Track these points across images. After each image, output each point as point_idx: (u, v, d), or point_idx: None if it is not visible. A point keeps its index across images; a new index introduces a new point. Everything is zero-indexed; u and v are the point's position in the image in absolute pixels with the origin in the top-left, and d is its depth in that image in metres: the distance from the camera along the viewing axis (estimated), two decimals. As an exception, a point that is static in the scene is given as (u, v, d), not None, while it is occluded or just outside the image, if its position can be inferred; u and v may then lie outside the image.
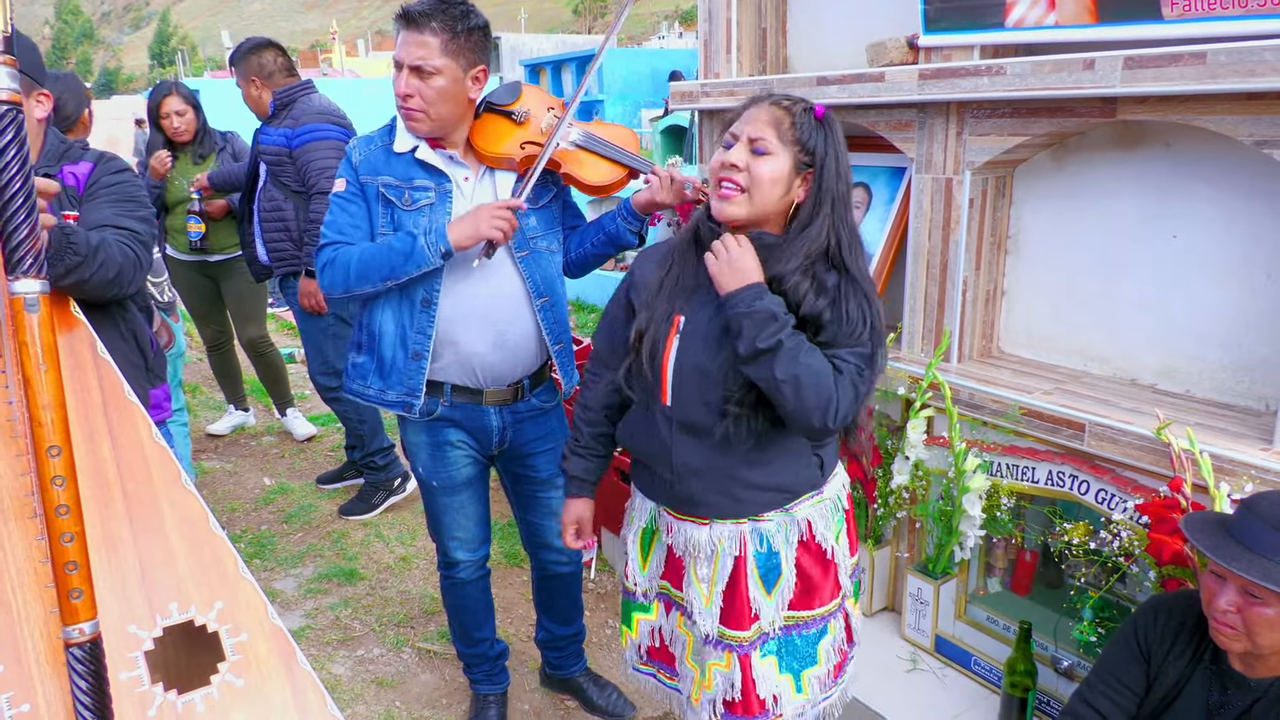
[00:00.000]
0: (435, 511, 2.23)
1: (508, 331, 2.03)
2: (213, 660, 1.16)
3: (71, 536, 0.97)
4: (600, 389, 1.78)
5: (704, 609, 1.64)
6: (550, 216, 2.10)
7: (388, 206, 1.96)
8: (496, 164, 2.01)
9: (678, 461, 1.59)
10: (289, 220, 3.41)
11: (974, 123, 2.19)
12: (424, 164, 1.97)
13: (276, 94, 3.41)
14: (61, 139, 1.84)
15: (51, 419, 0.93)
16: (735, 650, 1.62)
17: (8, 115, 0.91)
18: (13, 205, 0.89)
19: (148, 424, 1.31)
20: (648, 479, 1.71)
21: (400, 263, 1.88)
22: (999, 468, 2.21)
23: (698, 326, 1.55)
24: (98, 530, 1.17)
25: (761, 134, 1.49)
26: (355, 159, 1.99)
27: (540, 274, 2.05)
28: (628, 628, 1.85)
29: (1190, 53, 1.70)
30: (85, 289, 1.57)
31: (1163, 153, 2.07)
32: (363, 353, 2.07)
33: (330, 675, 2.69)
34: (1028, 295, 2.42)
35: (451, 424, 2.10)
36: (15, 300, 0.91)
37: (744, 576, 1.61)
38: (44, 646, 1.09)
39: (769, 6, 2.91)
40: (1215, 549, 1.45)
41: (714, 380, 1.53)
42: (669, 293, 1.59)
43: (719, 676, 1.65)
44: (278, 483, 4.11)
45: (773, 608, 1.63)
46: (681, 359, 1.55)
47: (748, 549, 1.61)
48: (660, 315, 1.58)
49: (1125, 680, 1.68)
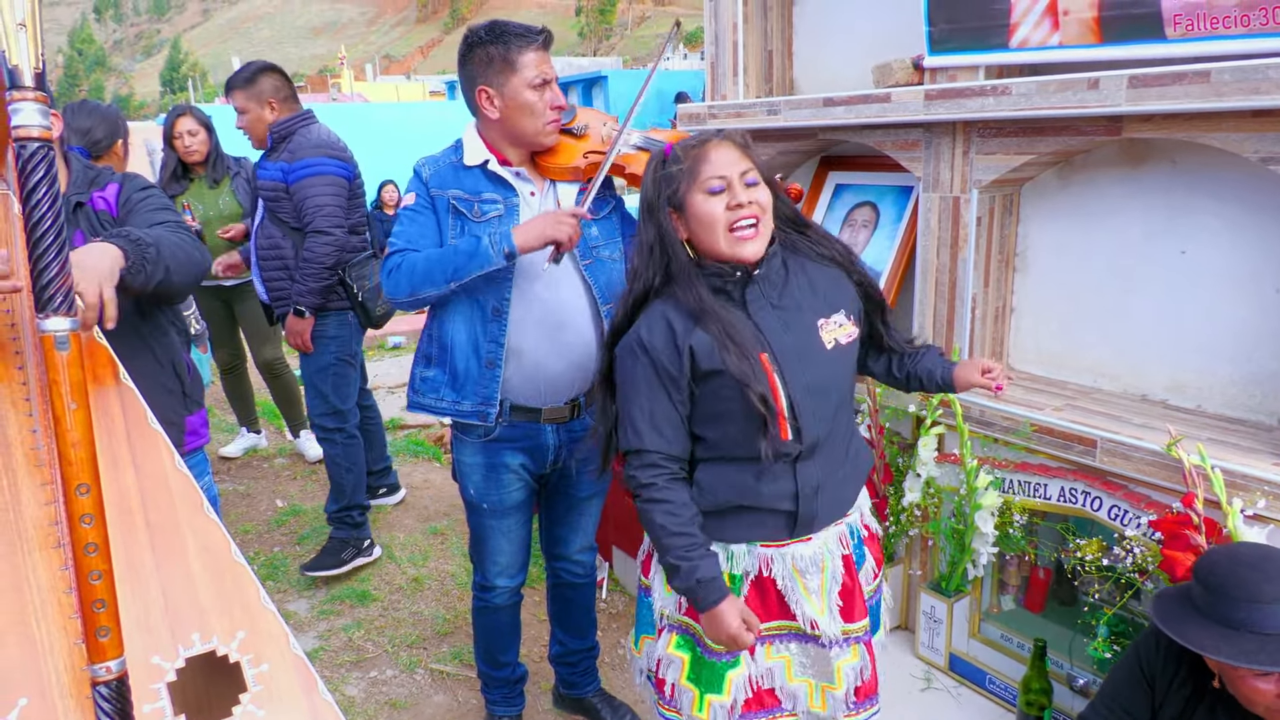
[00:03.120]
0: (481, 534, 2.24)
1: (573, 341, 2.05)
2: (234, 691, 1.16)
3: (100, 575, 0.98)
4: (678, 485, 1.60)
5: (823, 617, 1.64)
6: (610, 226, 2.15)
7: (458, 218, 2.01)
8: (561, 176, 2.07)
9: (804, 489, 1.58)
10: (288, 258, 3.27)
11: (980, 142, 2.21)
12: (492, 178, 2.03)
13: (274, 126, 3.22)
14: (89, 166, 1.87)
15: (80, 457, 0.94)
16: (860, 640, 1.67)
17: (39, 153, 0.93)
18: (44, 243, 0.90)
19: (170, 452, 1.32)
20: (742, 522, 1.62)
21: (464, 262, 1.91)
22: (1011, 484, 2.21)
23: (787, 351, 1.55)
24: (121, 559, 1.18)
25: (746, 166, 1.52)
26: (425, 174, 2.05)
27: (604, 280, 2.09)
28: (715, 694, 1.66)
29: (1194, 71, 1.71)
30: (174, 286, 1.65)
31: (1169, 170, 2.08)
32: (433, 366, 2.10)
33: (344, 697, 2.69)
34: (1037, 312, 2.42)
35: (509, 445, 2.12)
36: (46, 338, 0.93)
37: (854, 572, 1.68)
38: (68, 680, 1.10)
39: (775, 30, 2.95)
40: (1246, 654, 1.38)
41: (821, 391, 1.57)
42: (745, 347, 1.52)
43: (849, 671, 1.67)
44: (290, 505, 4.12)
45: (866, 589, 1.72)
46: (790, 388, 1.54)
47: (849, 545, 1.68)
48: (753, 366, 1.51)
49: (1130, 708, 1.66)
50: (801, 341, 1.56)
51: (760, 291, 1.58)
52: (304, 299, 3.18)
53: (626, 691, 2.63)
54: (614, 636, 2.94)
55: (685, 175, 1.53)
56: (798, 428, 1.54)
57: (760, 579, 1.64)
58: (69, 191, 1.80)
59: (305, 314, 3.20)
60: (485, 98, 1.98)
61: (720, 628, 1.54)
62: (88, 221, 1.80)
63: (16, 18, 0.93)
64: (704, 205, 1.51)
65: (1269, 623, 1.39)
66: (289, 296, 3.28)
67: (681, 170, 1.53)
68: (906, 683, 2.41)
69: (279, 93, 3.25)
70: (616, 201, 2.19)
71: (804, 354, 1.56)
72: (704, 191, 1.51)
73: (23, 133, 0.94)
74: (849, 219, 2.78)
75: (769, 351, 1.53)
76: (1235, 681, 1.45)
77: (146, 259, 1.57)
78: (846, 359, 1.61)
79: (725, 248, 1.52)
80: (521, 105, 1.96)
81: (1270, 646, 1.37)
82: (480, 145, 2.04)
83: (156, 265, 1.60)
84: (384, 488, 4.00)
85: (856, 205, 2.78)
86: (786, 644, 1.69)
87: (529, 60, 1.94)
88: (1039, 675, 2.09)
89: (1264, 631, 1.39)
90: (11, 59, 0.94)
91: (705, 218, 1.52)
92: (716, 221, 1.51)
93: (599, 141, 2.09)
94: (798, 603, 1.64)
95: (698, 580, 1.54)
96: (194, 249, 1.75)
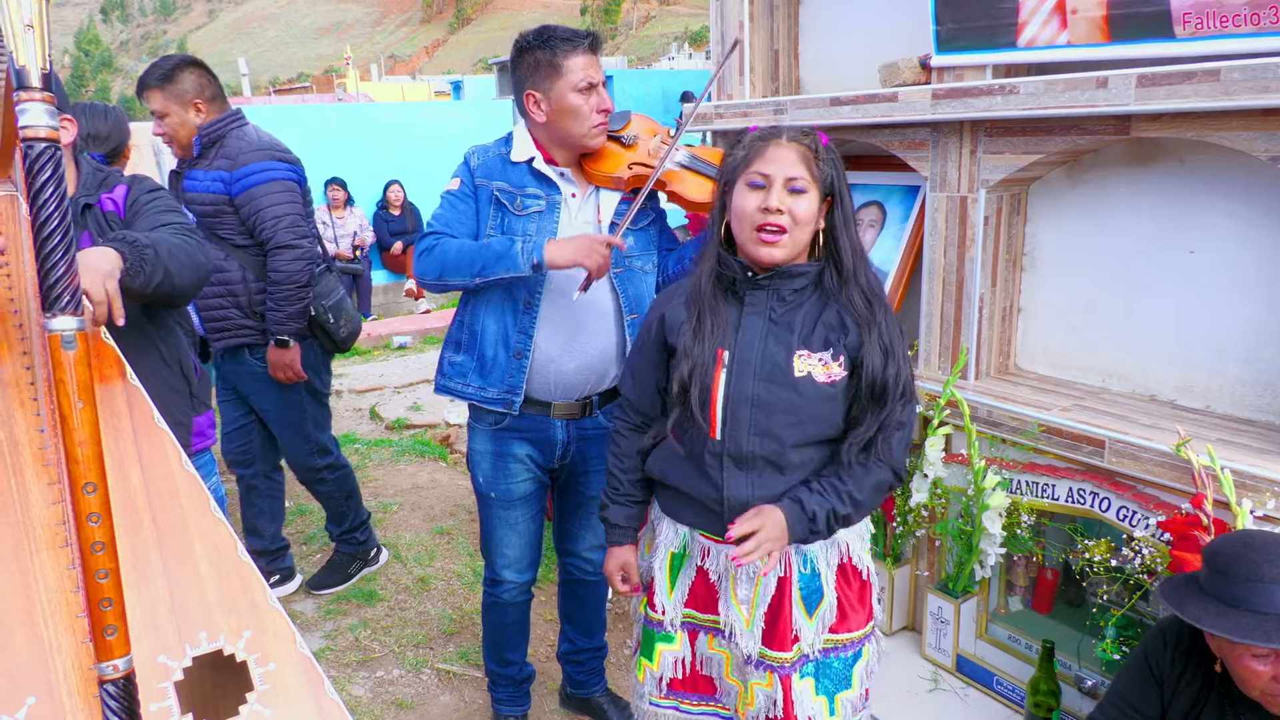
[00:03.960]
0: (489, 526, 2.26)
1: (588, 343, 2.07)
2: (241, 690, 1.16)
3: (107, 573, 0.98)
4: (633, 434, 1.76)
5: (745, 630, 1.64)
6: (648, 239, 2.16)
7: (499, 209, 2.04)
8: (605, 183, 2.10)
9: (729, 495, 1.57)
10: (233, 282, 2.81)
11: (988, 141, 2.20)
12: (537, 175, 2.05)
13: (202, 130, 2.77)
14: (99, 169, 1.88)
15: (87, 455, 0.94)
16: (777, 671, 1.63)
17: (46, 153, 0.93)
18: (51, 242, 0.91)
19: (177, 451, 1.32)
20: (684, 505, 1.68)
21: (492, 261, 1.94)
22: (1018, 485, 2.20)
23: (746, 359, 1.55)
24: (128, 559, 1.18)
25: (796, 173, 1.51)
26: (474, 163, 2.08)
27: (633, 290, 2.11)
28: (647, 660, 1.78)
29: (1204, 70, 1.70)
30: (176, 288, 1.66)
31: (1177, 169, 2.07)
32: (462, 351, 2.13)
33: (350, 696, 2.69)
34: (1044, 312, 2.42)
35: (517, 435, 2.14)
36: (53, 338, 0.93)
37: (788, 598, 1.61)
38: (75, 679, 1.10)
39: (781, 29, 2.94)
40: (1240, 629, 1.38)
41: (768, 409, 1.53)
42: (708, 335, 1.56)
43: (760, 695, 1.65)
44: (296, 505, 4.13)
45: (813, 630, 1.63)
46: (731, 392, 1.55)
47: (792, 571, 1.62)
48: (704, 356, 1.55)
49: (1139, 706, 1.66)
50: (770, 357, 1.54)
51: (763, 298, 1.58)
52: (285, 326, 2.80)
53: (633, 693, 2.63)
54: (621, 637, 2.94)
55: (740, 162, 1.55)
56: (725, 433, 1.56)
57: (701, 568, 1.69)
58: (77, 193, 1.80)
59: (289, 343, 2.83)
60: (532, 101, 2.01)
61: (606, 564, 1.81)
62: (95, 223, 1.81)
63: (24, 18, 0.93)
64: (741, 197, 1.54)
65: (1267, 602, 1.38)
66: (234, 328, 2.86)
67: (742, 158, 1.56)
68: (913, 683, 2.41)
69: (204, 91, 2.77)
70: (657, 214, 2.21)
71: (765, 368, 1.54)
72: (746, 184, 1.54)
73: (30, 133, 0.94)
74: (855, 219, 2.77)
75: (730, 350, 1.56)
76: (1233, 663, 1.45)
77: (145, 260, 1.57)
78: (814, 392, 1.52)
79: (748, 244, 1.55)
80: (567, 109, 1.98)
81: (1267, 625, 1.37)
82: (529, 142, 2.07)
83: (155, 267, 1.60)
84: (277, 573, 3.30)
85: (863, 205, 2.78)
86: (726, 641, 1.70)
87: (575, 64, 1.96)
88: (1047, 676, 2.08)
89: (1262, 610, 1.39)
90: (19, 59, 0.94)
91: (739, 209, 1.55)
92: (745, 216, 1.53)
93: (645, 154, 2.11)
94: (725, 604, 1.66)
95: (605, 518, 1.79)
96: (196, 250, 1.75)
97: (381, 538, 3.73)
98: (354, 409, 5.66)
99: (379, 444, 4.90)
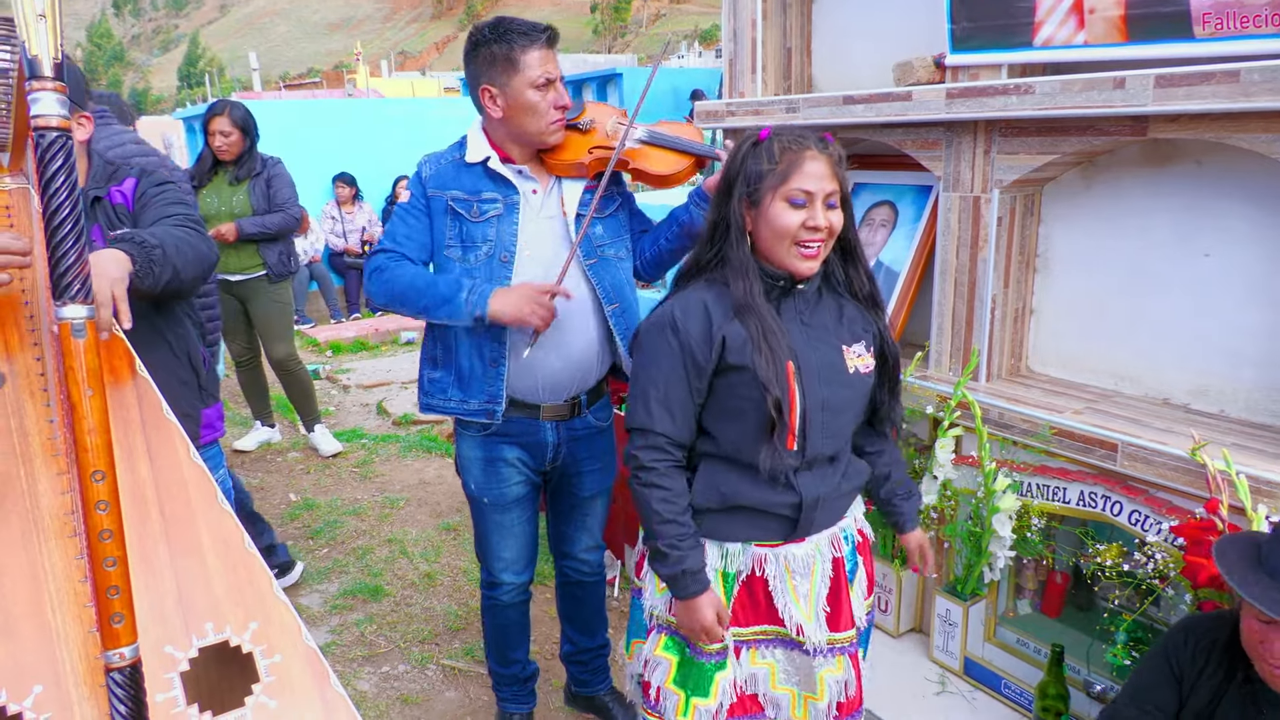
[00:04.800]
0: (484, 530, 2.24)
1: (573, 341, 2.05)
2: (247, 682, 1.16)
3: (114, 561, 0.98)
4: (677, 473, 1.61)
5: (809, 623, 1.64)
6: (617, 225, 2.13)
7: (456, 219, 2.01)
8: (566, 172, 2.06)
9: (807, 497, 1.60)
10: None
11: (1002, 141, 2.19)
12: (493, 175, 2.02)
13: None
14: (108, 161, 1.88)
15: (96, 444, 0.94)
16: (845, 651, 1.66)
17: (57, 142, 0.93)
18: (62, 231, 0.91)
19: (185, 443, 1.32)
20: (743, 524, 1.62)
21: (436, 304, 1.93)
22: (1029, 488, 2.18)
23: (811, 366, 1.57)
24: (135, 550, 1.18)
25: (833, 187, 1.52)
26: (425, 173, 2.05)
27: (609, 280, 2.08)
28: (701, 697, 1.64)
29: (1224, 71, 1.68)
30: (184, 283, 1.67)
31: (1194, 171, 2.05)
32: (439, 367, 2.11)
33: (355, 691, 2.69)
34: (1057, 314, 2.40)
35: (507, 440, 2.12)
36: (63, 325, 0.93)
37: (843, 579, 1.68)
38: (83, 668, 1.10)
39: (794, 27, 2.93)
40: (1264, 598, 1.40)
41: (836, 410, 1.60)
42: (776, 351, 1.52)
43: (831, 683, 1.66)
44: (303, 499, 4.14)
45: (861, 604, 1.73)
46: (806, 401, 1.55)
47: (842, 550, 1.69)
48: (780, 371, 1.52)
49: (1156, 701, 1.65)
50: (826, 360, 1.59)
51: (794, 305, 1.60)
52: None
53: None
54: (625, 635, 2.94)
55: (773, 176, 1.51)
56: (804, 442, 1.56)
57: (751, 579, 1.65)
58: (87, 186, 1.80)
59: None
60: (488, 97, 1.96)
61: (696, 617, 1.57)
62: (105, 216, 1.81)
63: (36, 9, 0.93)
64: (781, 214, 1.51)
65: None
66: None
67: (772, 170, 1.51)
68: (920, 686, 2.39)
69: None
70: (624, 198, 2.18)
71: (827, 372, 1.59)
72: (786, 200, 1.50)
73: (42, 122, 0.94)
74: (867, 218, 2.76)
75: (796, 362, 1.54)
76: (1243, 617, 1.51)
77: (154, 261, 1.58)
78: (864, 386, 1.65)
79: (784, 258, 1.54)
80: (524, 105, 1.94)
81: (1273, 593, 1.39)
82: (483, 142, 2.02)
83: (164, 266, 1.60)
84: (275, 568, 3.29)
85: (874, 204, 2.76)
86: (772, 650, 1.69)
87: (532, 59, 1.91)
88: (1056, 681, 2.06)
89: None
90: (31, 49, 0.94)
91: (778, 226, 1.51)
92: (786, 232, 1.51)
93: (604, 136, 2.07)
94: (785, 606, 1.64)
95: (683, 570, 1.56)
96: (200, 242, 1.75)
97: (388, 533, 3.74)
98: (361, 404, 5.67)
99: (386, 439, 4.91)
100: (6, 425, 1.24)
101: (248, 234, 4.17)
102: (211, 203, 4.22)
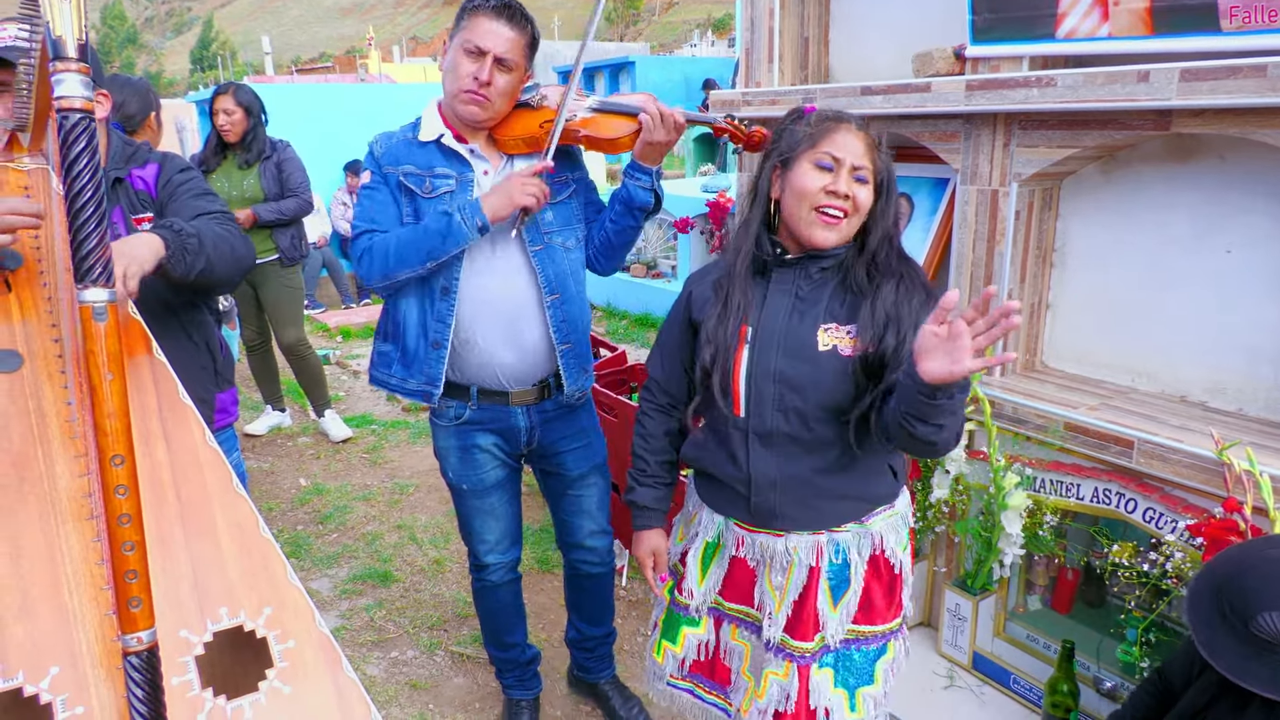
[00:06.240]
0: (465, 515, 2.25)
1: (523, 332, 2.03)
2: (261, 666, 1.17)
3: (132, 545, 0.98)
4: (660, 416, 1.78)
5: (774, 615, 1.64)
6: (568, 211, 2.09)
7: (409, 195, 1.99)
8: (518, 149, 2.03)
9: (754, 473, 1.57)
10: None
11: (1022, 134, 2.17)
12: (446, 152, 2.00)
13: None
14: (128, 142, 1.87)
15: (116, 428, 0.94)
16: (795, 660, 1.62)
17: (81, 124, 0.93)
18: (84, 214, 0.90)
19: (201, 427, 1.32)
20: (718, 493, 1.68)
21: (439, 243, 1.90)
22: (1043, 484, 2.17)
23: (771, 334, 1.54)
24: (151, 533, 1.19)
25: (864, 161, 1.50)
26: (377, 151, 2.03)
27: (553, 270, 2.04)
28: (670, 642, 1.81)
29: (1250, 65, 1.66)
30: (215, 278, 1.68)
31: (1217, 166, 2.03)
32: (388, 341, 2.10)
33: (365, 676, 2.71)
34: (1073, 309, 2.38)
35: (479, 427, 2.12)
36: (84, 309, 0.93)
37: (815, 587, 1.61)
38: (99, 650, 1.10)
39: (811, 16, 2.90)
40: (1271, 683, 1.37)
41: (794, 385, 1.52)
42: (733, 313, 1.56)
43: (774, 686, 1.64)
44: (313, 484, 4.15)
45: (836, 620, 1.62)
46: (755, 368, 1.54)
47: (822, 560, 1.61)
48: (727, 332, 1.55)
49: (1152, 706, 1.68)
50: (794, 332, 1.54)
51: (790, 276, 1.58)
52: None
53: (642, 680, 2.63)
54: (633, 624, 2.94)
55: (805, 140, 1.52)
56: (751, 410, 1.55)
57: (736, 557, 1.69)
58: (108, 166, 1.80)
59: None
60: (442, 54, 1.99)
61: (637, 549, 1.80)
62: (126, 198, 1.80)
63: (59, -12, 0.93)
64: (805, 175, 1.51)
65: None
66: None
67: (806, 134, 1.52)
68: (929, 680, 2.39)
69: None
70: (578, 184, 2.13)
71: (790, 344, 1.53)
72: (812, 163, 1.51)
73: (65, 103, 0.94)
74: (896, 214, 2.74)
75: (753, 326, 1.55)
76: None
77: (188, 249, 1.59)
78: (836, 365, 1.51)
79: (803, 223, 1.52)
80: (450, 64, 1.94)
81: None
82: (437, 120, 2.01)
83: (198, 256, 1.62)
84: None
85: (890, 196, 2.74)
86: (748, 633, 1.72)
87: (476, 24, 1.90)
88: (1066, 677, 2.06)
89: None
90: (55, 29, 0.93)
91: (801, 187, 1.51)
92: (807, 195, 1.50)
93: (553, 110, 2.04)
94: (761, 593, 1.66)
95: (633, 501, 1.78)
96: (238, 242, 1.76)
97: (397, 519, 3.75)
98: (371, 390, 5.69)
99: (396, 425, 4.92)
100: (25, 407, 1.24)
101: (265, 221, 4.18)
102: (222, 187, 4.22)
